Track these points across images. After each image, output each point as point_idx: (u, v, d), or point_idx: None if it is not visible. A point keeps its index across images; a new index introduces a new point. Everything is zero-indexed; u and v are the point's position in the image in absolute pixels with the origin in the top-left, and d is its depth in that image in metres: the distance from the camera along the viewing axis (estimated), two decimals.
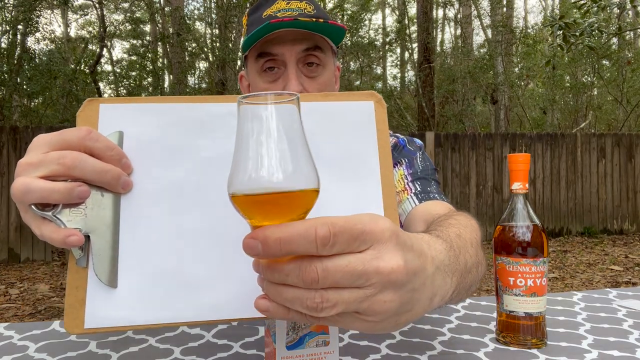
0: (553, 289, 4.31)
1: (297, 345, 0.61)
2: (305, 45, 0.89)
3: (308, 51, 0.89)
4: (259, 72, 0.92)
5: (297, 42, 0.88)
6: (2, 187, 5.74)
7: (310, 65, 0.91)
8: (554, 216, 7.23)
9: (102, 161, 0.51)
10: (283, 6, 0.89)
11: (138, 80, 12.67)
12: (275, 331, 0.60)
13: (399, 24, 11.54)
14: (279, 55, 0.89)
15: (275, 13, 0.88)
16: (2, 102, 8.03)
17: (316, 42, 0.90)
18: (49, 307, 3.84)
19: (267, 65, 0.90)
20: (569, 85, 12.10)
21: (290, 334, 0.60)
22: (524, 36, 11.29)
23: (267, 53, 0.89)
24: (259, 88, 0.92)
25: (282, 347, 0.60)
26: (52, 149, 0.51)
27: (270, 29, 0.84)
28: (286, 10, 0.88)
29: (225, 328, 0.85)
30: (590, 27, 4.62)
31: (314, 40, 0.89)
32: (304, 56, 0.90)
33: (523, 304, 0.73)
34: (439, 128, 10.10)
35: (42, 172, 0.50)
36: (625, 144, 7.49)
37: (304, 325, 0.60)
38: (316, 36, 0.89)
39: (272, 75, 0.91)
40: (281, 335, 0.60)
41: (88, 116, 0.57)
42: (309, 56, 0.90)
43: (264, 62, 0.90)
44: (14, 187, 0.50)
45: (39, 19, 8.77)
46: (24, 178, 0.49)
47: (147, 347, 0.76)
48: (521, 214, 0.76)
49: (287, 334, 0.60)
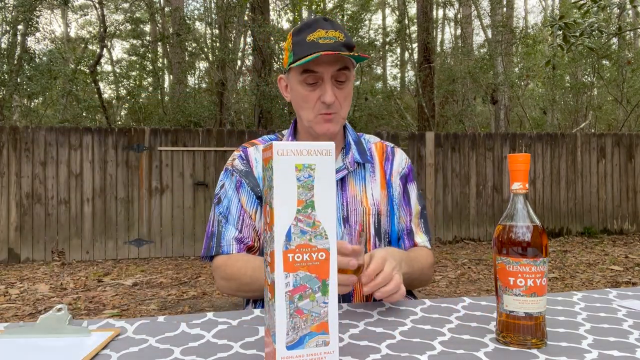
0: (553, 289, 4.31)
1: (297, 345, 0.61)
2: (339, 66, 1.17)
3: (340, 70, 1.17)
4: (301, 83, 1.18)
5: (333, 63, 1.16)
6: (2, 187, 5.74)
7: (340, 80, 1.19)
8: (554, 216, 7.23)
9: None
10: (323, 34, 1.16)
11: (138, 80, 12.67)
12: (275, 331, 0.60)
13: (399, 24, 11.53)
14: (319, 72, 1.16)
15: (317, 39, 1.15)
16: (2, 102, 8.03)
17: (345, 64, 1.18)
18: (49, 307, 3.84)
19: (309, 79, 1.17)
20: (569, 85, 12.10)
21: (290, 334, 0.60)
22: (524, 36, 11.29)
23: (311, 70, 1.16)
24: (300, 94, 1.19)
25: (282, 347, 0.60)
26: None
27: (321, 55, 1.12)
28: (325, 38, 1.15)
29: (225, 328, 0.85)
30: (590, 27, 4.62)
31: (344, 62, 1.17)
32: (337, 74, 1.17)
33: (523, 304, 0.73)
34: (439, 128, 10.10)
35: None
36: (625, 144, 7.49)
37: (303, 325, 0.60)
38: (346, 59, 1.17)
39: (312, 87, 1.18)
40: (281, 336, 0.60)
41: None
42: (340, 74, 1.18)
43: (306, 76, 1.16)
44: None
45: (39, 19, 8.76)
46: None
47: (147, 347, 0.76)
48: (521, 214, 0.76)
49: (287, 334, 0.60)
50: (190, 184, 6.23)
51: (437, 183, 6.88)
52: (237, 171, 1.26)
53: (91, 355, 0.71)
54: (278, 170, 0.61)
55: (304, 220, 0.62)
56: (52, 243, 5.87)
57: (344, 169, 1.23)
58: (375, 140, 1.35)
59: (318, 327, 0.62)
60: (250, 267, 1.11)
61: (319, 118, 1.18)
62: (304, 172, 0.62)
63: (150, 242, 6.11)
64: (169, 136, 6.19)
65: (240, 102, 10.76)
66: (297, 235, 0.62)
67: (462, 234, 6.94)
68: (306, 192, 0.62)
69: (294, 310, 0.61)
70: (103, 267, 5.53)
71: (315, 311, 0.62)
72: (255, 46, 8.97)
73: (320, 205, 0.63)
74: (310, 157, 0.63)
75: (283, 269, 0.61)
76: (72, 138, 5.95)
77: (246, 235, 1.21)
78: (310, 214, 0.62)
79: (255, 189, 1.24)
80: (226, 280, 1.18)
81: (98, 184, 5.99)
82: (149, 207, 6.11)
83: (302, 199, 0.62)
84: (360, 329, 0.83)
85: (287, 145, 0.62)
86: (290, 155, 0.62)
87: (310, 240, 0.62)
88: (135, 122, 10.91)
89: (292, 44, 1.20)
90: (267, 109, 8.75)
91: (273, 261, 0.62)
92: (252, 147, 1.30)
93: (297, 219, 0.62)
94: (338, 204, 1.21)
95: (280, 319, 0.61)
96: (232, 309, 3.85)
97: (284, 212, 0.61)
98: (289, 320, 0.61)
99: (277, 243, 0.61)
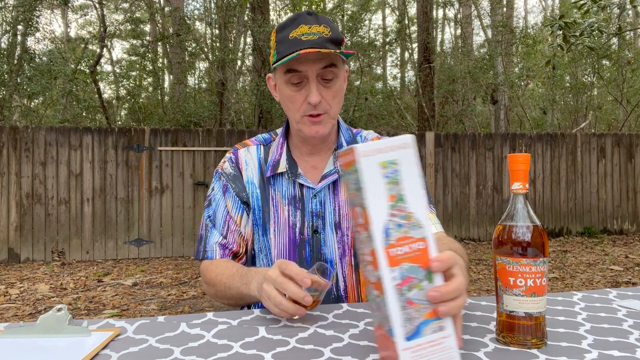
0: (553, 289, 4.31)
1: (415, 335, 0.62)
2: (324, 63, 1.10)
3: (325, 68, 1.10)
4: (286, 83, 1.13)
5: (317, 61, 1.09)
6: (2, 187, 5.74)
7: (327, 78, 1.12)
8: (554, 216, 7.23)
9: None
10: (306, 30, 1.08)
11: (138, 80, 12.67)
12: (392, 325, 0.62)
13: (399, 24, 11.53)
14: (303, 71, 1.10)
15: (300, 36, 1.08)
16: (2, 102, 8.03)
17: (332, 61, 1.11)
18: (49, 307, 3.84)
19: (293, 79, 1.11)
20: (569, 85, 12.10)
21: (406, 325, 0.62)
22: (524, 36, 11.28)
23: (294, 70, 1.10)
24: (285, 94, 1.14)
25: (401, 339, 0.62)
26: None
27: (299, 54, 1.05)
28: (309, 34, 1.08)
29: (225, 328, 0.85)
30: (590, 27, 4.62)
31: (330, 59, 1.10)
32: (323, 72, 1.10)
33: (523, 304, 0.73)
34: (439, 128, 10.10)
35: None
36: (625, 144, 7.49)
37: (417, 315, 0.62)
38: (332, 55, 1.10)
39: (297, 86, 1.12)
40: (398, 328, 0.62)
41: None
42: (326, 72, 1.10)
43: (290, 75, 1.11)
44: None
45: (39, 19, 8.76)
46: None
47: (147, 347, 0.76)
48: (521, 214, 0.75)
49: (403, 326, 0.62)
50: (190, 184, 6.23)
51: (437, 183, 6.88)
52: (224, 175, 1.24)
53: (91, 355, 0.71)
54: (365, 171, 0.63)
55: (397, 214, 0.64)
56: (52, 243, 5.87)
57: (335, 172, 1.19)
58: (373, 136, 1.29)
59: (430, 314, 0.64)
60: (227, 275, 1.10)
61: (305, 120, 1.13)
62: (389, 169, 0.64)
63: (150, 242, 6.12)
64: (169, 136, 6.19)
65: (240, 102, 10.77)
66: (394, 230, 0.64)
67: (462, 234, 6.94)
68: (395, 187, 0.64)
69: (405, 302, 0.63)
70: (103, 267, 5.53)
71: (425, 299, 0.64)
72: (255, 46, 8.97)
73: (410, 196, 0.65)
74: (392, 152, 0.65)
75: (387, 264, 0.63)
76: (72, 138, 5.95)
77: (231, 240, 1.20)
78: (402, 207, 0.64)
79: (240, 194, 1.22)
80: (207, 284, 1.19)
81: (98, 184, 5.99)
82: (149, 207, 6.11)
83: (392, 194, 0.64)
84: (360, 329, 0.83)
85: (368, 146, 0.64)
86: (374, 155, 0.64)
87: (407, 232, 0.64)
88: (135, 122, 10.91)
89: (275, 42, 1.14)
90: (267, 109, 8.75)
91: (375, 259, 0.63)
92: (243, 148, 1.27)
93: (391, 214, 0.64)
94: (334, 207, 1.20)
95: (394, 312, 0.62)
96: (232, 309, 3.84)
97: (378, 210, 0.63)
98: (402, 313, 0.62)
99: (377, 241, 0.63)
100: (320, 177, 1.20)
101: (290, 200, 1.19)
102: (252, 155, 1.25)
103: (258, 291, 0.93)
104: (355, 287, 1.18)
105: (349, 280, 1.17)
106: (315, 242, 1.17)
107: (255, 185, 1.22)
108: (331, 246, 1.17)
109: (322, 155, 1.23)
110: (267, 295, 0.87)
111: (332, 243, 1.17)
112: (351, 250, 1.18)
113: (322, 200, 1.18)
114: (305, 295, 0.82)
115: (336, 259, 1.17)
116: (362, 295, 1.19)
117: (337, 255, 1.17)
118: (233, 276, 1.07)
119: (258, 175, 1.23)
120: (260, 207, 1.20)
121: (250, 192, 1.22)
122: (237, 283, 1.04)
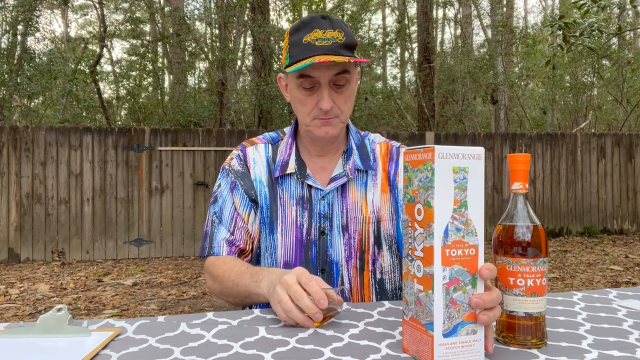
0: (553, 289, 4.31)
1: (451, 333, 0.66)
2: (336, 70, 1.10)
3: (338, 75, 1.10)
4: (298, 86, 1.13)
5: (330, 68, 1.09)
6: (2, 187, 5.74)
7: (339, 84, 1.12)
8: (554, 216, 7.23)
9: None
10: (320, 35, 1.08)
11: (138, 80, 12.68)
12: (434, 320, 0.65)
13: (398, 24, 11.54)
14: (316, 77, 1.10)
15: (314, 41, 1.08)
16: (2, 102, 8.03)
17: (345, 67, 1.11)
18: (49, 307, 3.84)
19: (305, 84, 1.11)
20: (569, 85, 12.10)
21: (446, 323, 0.66)
22: (524, 36, 11.29)
23: (307, 75, 1.10)
24: (297, 97, 1.14)
25: (439, 334, 0.66)
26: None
27: (313, 63, 1.05)
28: (323, 40, 1.08)
29: (225, 328, 0.85)
30: (590, 27, 4.62)
31: (343, 66, 1.10)
32: (335, 78, 1.11)
33: (523, 304, 0.73)
34: (439, 128, 10.10)
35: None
36: (625, 144, 7.49)
37: (457, 315, 0.66)
38: (345, 62, 1.09)
39: (309, 91, 1.12)
40: (439, 324, 0.66)
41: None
42: (339, 78, 1.11)
43: (302, 80, 1.11)
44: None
45: (39, 19, 8.76)
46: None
47: (147, 347, 0.76)
48: (521, 214, 0.75)
49: (443, 323, 0.66)
50: (190, 184, 6.23)
51: None
52: (233, 172, 1.23)
53: (91, 355, 0.71)
54: (439, 172, 0.67)
55: (458, 218, 0.67)
56: (52, 243, 5.87)
57: (344, 176, 1.19)
58: (380, 140, 1.29)
59: (468, 317, 0.67)
60: (235, 272, 1.09)
61: (316, 121, 1.13)
62: (459, 174, 0.68)
63: (150, 242, 6.12)
64: (169, 136, 6.19)
65: (240, 102, 10.77)
66: (453, 232, 0.67)
67: None
68: (461, 193, 0.68)
69: (449, 301, 0.66)
70: (103, 267, 5.54)
71: (466, 302, 0.67)
72: (255, 46, 8.97)
73: (472, 205, 0.68)
74: (465, 160, 0.68)
75: (441, 262, 0.66)
76: (72, 138, 5.95)
77: (238, 237, 1.19)
78: (464, 212, 0.68)
79: (249, 191, 1.21)
80: (213, 281, 1.17)
81: (98, 184, 5.99)
82: (149, 207, 6.11)
83: (457, 199, 0.68)
84: (360, 329, 0.83)
85: (447, 149, 0.67)
86: (449, 159, 0.67)
87: (463, 237, 0.68)
88: (135, 122, 10.91)
89: (288, 44, 1.14)
90: (267, 109, 8.75)
91: (430, 256, 0.67)
92: (251, 146, 1.27)
93: (453, 217, 0.67)
94: (342, 210, 1.19)
95: (438, 308, 0.66)
96: (232, 308, 3.85)
97: (443, 211, 0.67)
98: (445, 311, 0.66)
99: (437, 239, 0.66)
100: (328, 178, 1.20)
101: (298, 201, 1.19)
102: (261, 154, 1.25)
103: (268, 291, 0.93)
104: (360, 289, 1.18)
105: (354, 283, 1.17)
106: (322, 243, 1.17)
107: (263, 183, 1.21)
108: (338, 248, 1.17)
109: (330, 157, 1.23)
110: (278, 299, 0.86)
111: (338, 245, 1.17)
112: (357, 253, 1.17)
113: (330, 202, 1.18)
114: (317, 312, 0.82)
115: (342, 261, 1.17)
116: (366, 298, 1.19)
117: (343, 258, 1.17)
118: (243, 274, 1.07)
119: (266, 173, 1.22)
120: (268, 206, 1.20)
121: (259, 191, 1.21)
122: (247, 281, 1.03)
